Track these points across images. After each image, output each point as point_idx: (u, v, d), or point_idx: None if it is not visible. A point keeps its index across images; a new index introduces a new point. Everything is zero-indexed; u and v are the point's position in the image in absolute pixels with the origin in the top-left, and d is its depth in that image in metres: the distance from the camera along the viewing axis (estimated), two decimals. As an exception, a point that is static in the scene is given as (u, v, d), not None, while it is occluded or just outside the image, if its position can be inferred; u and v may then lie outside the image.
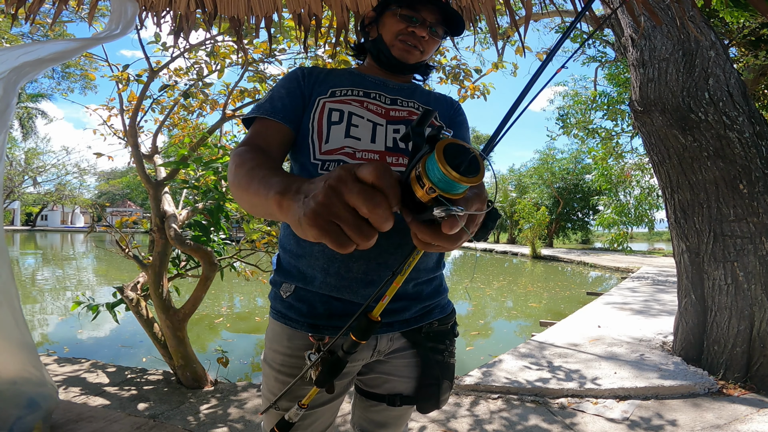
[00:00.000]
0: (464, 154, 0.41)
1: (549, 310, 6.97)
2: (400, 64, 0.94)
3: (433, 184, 0.41)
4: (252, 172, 0.64)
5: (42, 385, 1.21)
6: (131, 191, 43.53)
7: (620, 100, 9.43)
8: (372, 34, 0.98)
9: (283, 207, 0.51)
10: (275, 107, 0.86)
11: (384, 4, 0.95)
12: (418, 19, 0.91)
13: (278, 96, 0.89)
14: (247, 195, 0.63)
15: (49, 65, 1.20)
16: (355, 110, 0.87)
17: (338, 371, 0.65)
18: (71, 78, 16.53)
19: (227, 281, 8.07)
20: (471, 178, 0.40)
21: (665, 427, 2.31)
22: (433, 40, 0.94)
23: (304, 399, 0.71)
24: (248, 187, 0.62)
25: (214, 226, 2.83)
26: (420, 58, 0.95)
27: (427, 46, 0.94)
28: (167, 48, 3.01)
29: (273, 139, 0.83)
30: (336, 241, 0.43)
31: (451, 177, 0.39)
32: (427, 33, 0.92)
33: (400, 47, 0.92)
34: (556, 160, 22.94)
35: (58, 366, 3.15)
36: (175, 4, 1.84)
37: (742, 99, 2.97)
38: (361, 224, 0.42)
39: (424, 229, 0.46)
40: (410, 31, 0.91)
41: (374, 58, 0.99)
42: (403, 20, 0.91)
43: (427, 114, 0.47)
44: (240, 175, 0.66)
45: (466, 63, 3.75)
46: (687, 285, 3.16)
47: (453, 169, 0.39)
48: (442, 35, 0.96)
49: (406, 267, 0.55)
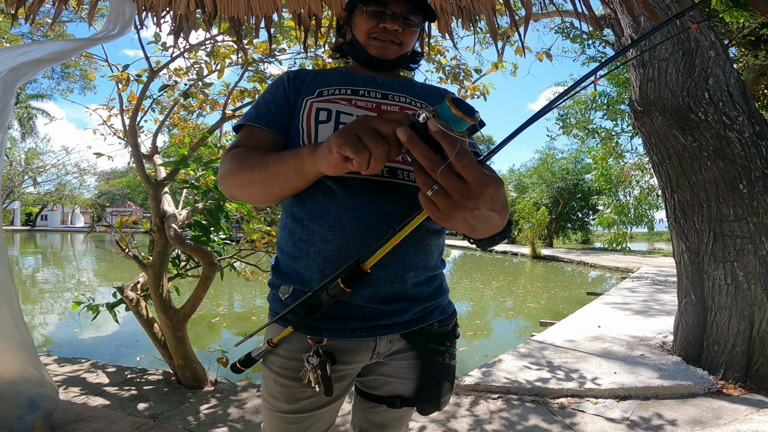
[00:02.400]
0: (463, 104, 0.54)
1: (549, 310, 6.97)
2: (381, 62, 0.93)
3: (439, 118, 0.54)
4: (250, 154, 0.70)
5: (42, 385, 1.21)
6: (131, 191, 43.53)
7: (620, 100, 9.44)
8: (347, 36, 0.97)
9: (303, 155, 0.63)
10: (260, 113, 0.86)
11: (353, 3, 0.93)
12: (387, 13, 0.88)
13: (263, 102, 0.88)
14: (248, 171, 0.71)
15: (46, 65, 1.20)
16: (343, 109, 0.86)
17: (316, 312, 0.74)
18: (71, 78, 16.53)
19: (227, 281, 8.07)
20: (470, 118, 0.53)
21: (665, 427, 2.31)
22: (408, 31, 0.91)
23: (275, 338, 0.79)
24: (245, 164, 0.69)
25: (214, 226, 2.83)
26: (400, 51, 0.93)
27: (404, 38, 0.92)
28: (167, 48, 3.01)
29: (259, 144, 0.83)
30: (354, 148, 0.54)
31: (457, 114, 0.51)
32: (400, 25, 0.89)
33: (376, 45, 0.90)
34: (556, 160, 22.93)
35: (58, 366, 3.15)
36: (175, 4, 1.84)
37: (741, 99, 2.97)
38: (375, 135, 0.55)
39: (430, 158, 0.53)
40: (382, 27, 0.89)
41: (354, 59, 0.97)
42: (372, 17, 0.89)
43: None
44: (236, 161, 0.72)
45: (466, 63, 3.75)
46: (687, 285, 3.16)
47: (458, 110, 0.52)
48: (420, 22, 0.94)
49: (406, 225, 0.63)
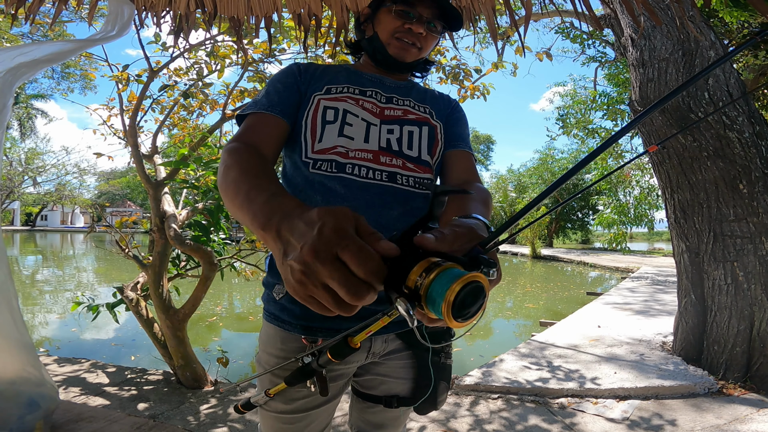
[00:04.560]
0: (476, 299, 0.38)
1: (549, 310, 6.97)
2: (397, 62, 0.92)
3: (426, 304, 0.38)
4: (238, 181, 0.63)
5: (41, 385, 1.21)
6: (131, 191, 43.51)
7: (620, 100, 9.44)
8: (368, 32, 0.96)
9: (267, 243, 0.50)
10: (272, 101, 0.84)
11: (379, 1, 0.92)
12: (415, 15, 0.88)
13: (275, 90, 0.86)
14: (232, 207, 0.62)
15: (44, 66, 1.20)
16: (350, 108, 0.86)
17: (307, 378, 0.70)
18: (71, 78, 16.55)
19: (227, 281, 8.07)
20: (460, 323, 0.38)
21: (665, 427, 2.31)
22: (431, 36, 0.92)
23: (272, 390, 0.76)
24: (234, 200, 0.61)
25: (214, 226, 2.83)
26: (418, 55, 0.93)
27: (425, 43, 0.92)
28: (167, 48, 3.01)
29: (267, 134, 0.80)
30: (318, 310, 0.42)
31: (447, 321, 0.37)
32: (425, 29, 0.89)
33: (397, 45, 0.90)
34: (555, 160, 22.93)
35: (58, 366, 3.15)
36: (175, 4, 1.84)
37: (742, 99, 2.97)
38: (341, 303, 0.40)
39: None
40: (407, 28, 0.88)
41: (370, 57, 0.96)
42: (399, 17, 0.88)
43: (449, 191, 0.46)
44: (228, 181, 0.65)
45: (465, 63, 3.76)
46: (687, 285, 3.16)
47: (454, 317, 0.37)
48: (441, 30, 0.94)
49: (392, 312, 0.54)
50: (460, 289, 0.36)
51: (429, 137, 0.90)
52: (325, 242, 0.40)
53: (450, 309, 0.36)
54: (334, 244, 0.39)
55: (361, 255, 0.39)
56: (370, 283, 0.39)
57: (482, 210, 0.69)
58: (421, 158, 0.88)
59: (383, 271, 0.39)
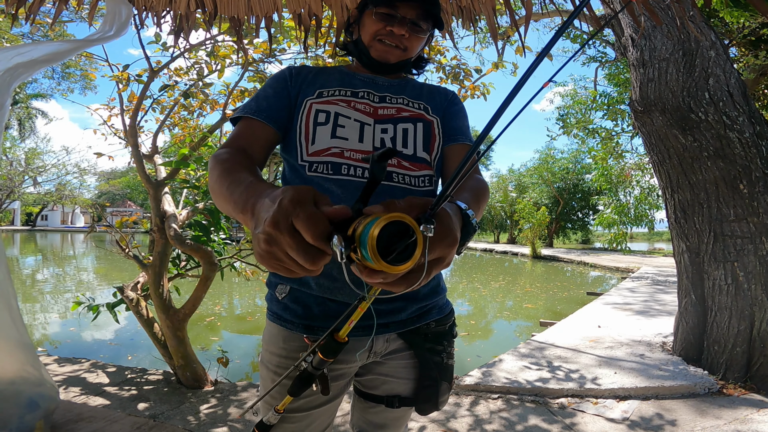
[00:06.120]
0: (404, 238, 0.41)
1: (549, 310, 6.97)
2: (381, 64, 0.93)
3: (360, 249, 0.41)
4: (222, 177, 0.67)
5: (41, 384, 1.21)
6: (131, 191, 43.52)
7: (620, 100, 9.44)
8: (355, 35, 0.97)
9: (247, 224, 0.55)
10: (260, 107, 0.85)
11: (364, 3, 0.92)
12: (396, 16, 0.88)
13: (264, 96, 0.88)
14: (218, 201, 0.67)
15: (42, 66, 1.20)
16: (341, 110, 0.86)
17: (308, 384, 0.70)
18: (71, 78, 16.55)
19: (227, 281, 8.07)
20: (395, 266, 0.40)
21: (665, 427, 2.31)
22: (416, 36, 0.91)
23: (280, 405, 0.75)
24: (219, 195, 0.66)
25: (214, 226, 2.83)
26: (403, 56, 0.92)
27: (409, 44, 0.91)
28: (167, 48, 3.01)
29: (256, 139, 0.82)
30: (285, 274, 0.47)
31: (375, 262, 0.39)
32: (407, 30, 0.89)
33: (379, 48, 0.90)
34: (555, 160, 22.94)
35: (58, 366, 3.15)
36: (175, 4, 1.84)
37: (742, 99, 2.97)
38: (302, 267, 0.44)
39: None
40: (388, 30, 0.88)
41: (357, 59, 0.97)
42: (381, 19, 0.88)
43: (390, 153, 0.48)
44: (212, 180, 0.70)
45: (466, 63, 3.76)
46: (687, 285, 3.16)
47: (381, 256, 0.39)
48: (428, 29, 0.93)
49: (372, 294, 0.56)
50: (384, 226, 0.39)
51: (424, 133, 0.90)
52: (283, 212, 0.44)
53: (375, 245, 0.39)
54: (290, 213, 0.43)
55: (310, 221, 0.42)
56: (318, 246, 0.43)
57: (467, 198, 0.67)
58: (416, 155, 0.88)
59: (332, 234, 0.42)
